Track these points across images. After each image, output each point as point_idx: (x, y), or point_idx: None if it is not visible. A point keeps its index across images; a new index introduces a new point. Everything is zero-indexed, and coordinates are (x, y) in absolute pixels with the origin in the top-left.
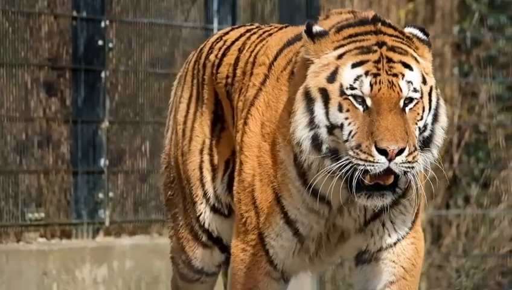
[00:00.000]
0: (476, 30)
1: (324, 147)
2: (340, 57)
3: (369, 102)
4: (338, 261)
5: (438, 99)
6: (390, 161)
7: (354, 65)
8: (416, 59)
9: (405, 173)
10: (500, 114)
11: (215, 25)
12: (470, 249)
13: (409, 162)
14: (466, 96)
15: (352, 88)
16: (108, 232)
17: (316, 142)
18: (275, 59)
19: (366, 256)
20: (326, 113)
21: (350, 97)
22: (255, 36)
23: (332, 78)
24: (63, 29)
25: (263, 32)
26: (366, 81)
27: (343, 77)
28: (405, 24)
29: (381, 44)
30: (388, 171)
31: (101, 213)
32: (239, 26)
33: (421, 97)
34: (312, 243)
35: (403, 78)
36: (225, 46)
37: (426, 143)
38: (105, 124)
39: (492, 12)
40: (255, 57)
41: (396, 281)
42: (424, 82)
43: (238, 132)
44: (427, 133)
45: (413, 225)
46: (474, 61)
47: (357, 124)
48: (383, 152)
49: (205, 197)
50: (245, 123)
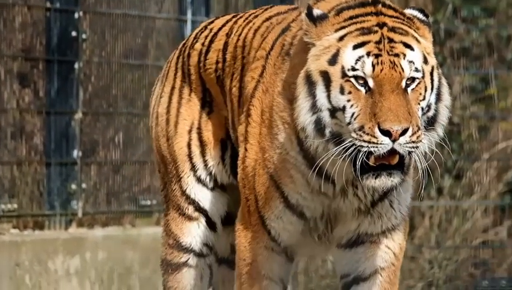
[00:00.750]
0: (449, 22)
1: (327, 131)
2: (341, 39)
3: (371, 83)
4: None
5: (440, 78)
6: (394, 141)
7: (355, 46)
8: (417, 39)
9: (409, 153)
10: (473, 106)
11: (189, 16)
12: (442, 241)
13: (413, 142)
14: None
15: (354, 69)
16: (81, 223)
17: (319, 126)
18: (271, 49)
19: (362, 238)
20: (328, 96)
21: (352, 79)
22: (242, 20)
23: (333, 60)
24: (37, 20)
25: (249, 15)
26: (368, 61)
27: (344, 58)
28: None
29: (382, 25)
30: (392, 152)
31: (73, 204)
32: (224, 15)
33: (423, 77)
34: (318, 223)
35: (404, 58)
36: (212, 34)
37: (431, 123)
38: (79, 115)
39: (465, 4)
40: (244, 41)
41: (387, 267)
42: (425, 62)
43: (241, 124)
44: (431, 113)
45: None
46: (448, 53)
47: (359, 105)
48: (386, 133)
49: (193, 169)
50: (248, 115)
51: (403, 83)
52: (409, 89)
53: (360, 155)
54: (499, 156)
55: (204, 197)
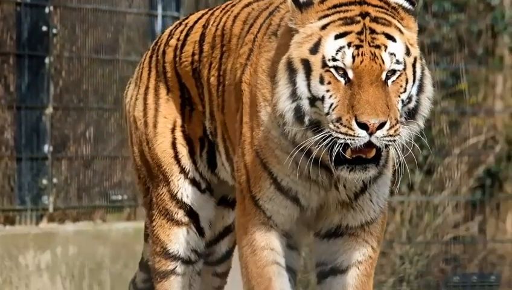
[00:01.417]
0: (420, 16)
1: (306, 119)
2: (323, 27)
3: (350, 74)
4: None
5: (422, 69)
6: (371, 134)
7: (336, 36)
8: (400, 30)
9: (386, 146)
10: (444, 101)
11: (160, 11)
12: (413, 236)
13: (391, 135)
14: None
15: (334, 60)
16: (52, 218)
17: (298, 114)
18: (258, 31)
19: (341, 230)
20: (308, 85)
21: (332, 69)
22: (218, 11)
23: (315, 49)
24: (7, 14)
25: (226, 6)
26: (349, 52)
27: (325, 48)
28: None
29: (364, 15)
30: (369, 145)
31: (44, 199)
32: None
33: (404, 69)
34: (313, 213)
35: (385, 50)
36: (187, 28)
37: (412, 114)
38: (49, 110)
39: None
40: (223, 29)
41: (364, 261)
42: (407, 53)
43: (238, 111)
44: (412, 104)
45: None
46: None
47: (338, 96)
48: (363, 126)
49: (183, 172)
50: (242, 101)
51: (383, 75)
52: (389, 81)
53: (336, 146)
54: (469, 151)
55: (196, 200)
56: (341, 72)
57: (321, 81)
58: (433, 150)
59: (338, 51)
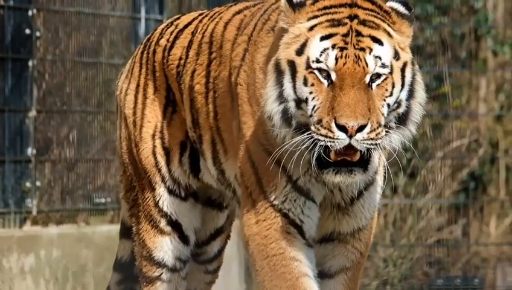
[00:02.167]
0: None
1: (294, 122)
2: (311, 29)
3: (333, 76)
4: None
5: (413, 75)
6: (350, 137)
7: (322, 38)
8: (389, 33)
9: (368, 150)
10: (427, 104)
11: (143, 14)
12: (397, 239)
13: (371, 139)
14: None
15: (318, 61)
16: (36, 221)
17: (285, 116)
18: (253, 30)
19: (332, 236)
20: (294, 87)
21: (315, 71)
22: (207, 18)
23: (301, 50)
24: None
25: (214, 13)
26: (332, 54)
27: (310, 49)
28: None
29: (353, 17)
30: (350, 148)
31: (28, 202)
32: (190, 12)
33: (391, 73)
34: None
35: (370, 53)
36: (177, 30)
37: (402, 120)
38: (33, 113)
39: (419, 2)
40: (211, 36)
41: (352, 267)
42: (396, 57)
43: (235, 115)
44: (402, 110)
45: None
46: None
47: (320, 98)
48: (342, 128)
49: (163, 181)
50: (238, 104)
51: (367, 78)
52: (374, 85)
53: (317, 148)
54: (453, 154)
55: (176, 209)
56: (324, 74)
57: (305, 83)
58: (416, 153)
59: (322, 52)
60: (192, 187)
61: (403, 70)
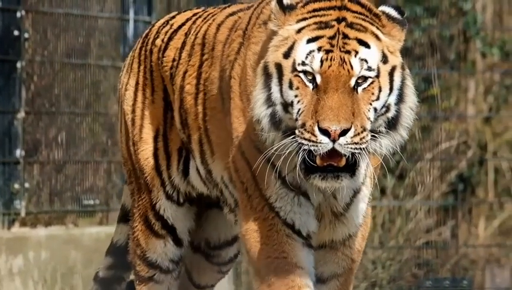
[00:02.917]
0: None
1: (283, 125)
2: (299, 31)
3: (318, 79)
4: None
5: (403, 79)
6: (334, 141)
7: (309, 40)
8: (377, 36)
9: (353, 154)
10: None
11: (131, 15)
12: (386, 241)
13: (355, 143)
14: None
15: (303, 64)
16: (24, 222)
17: (274, 120)
18: (248, 24)
19: (323, 243)
20: (280, 91)
21: (301, 74)
22: (200, 20)
23: (288, 53)
24: None
25: (207, 15)
26: (318, 57)
27: (297, 52)
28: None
29: (341, 20)
30: (334, 152)
31: (16, 204)
32: (185, 11)
33: (378, 76)
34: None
35: (356, 56)
36: (172, 30)
37: (392, 124)
38: (21, 114)
39: (408, 4)
40: (204, 38)
41: (343, 273)
42: (384, 61)
43: (226, 106)
44: (391, 114)
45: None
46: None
47: (305, 102)
48: (325, 132)
49: (162, 185)
50: (231, 97)
51: (352, 82)
52: (360, 88)
53: (300, 153)
54: (441, 156)
55: (173, 214)
56: (310, 76)
57: (290, 86)
58: (405, 155)
59: (308, 55)
60: (192, 194)
61: (391, 74)
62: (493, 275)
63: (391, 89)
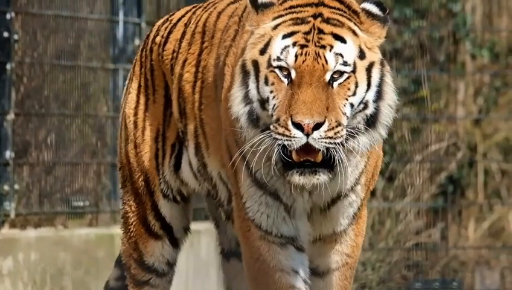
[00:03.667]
0: None
1: (261, 123)
2: (275, 28)
3: (293, 74)
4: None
5: (382, 76)
6: (307, 136)
7: (284, 36)
8: (354, 32)
9: (327, 149)
10: (405, 107)
11: (121, 17)
12: (375, 242)
13: (330, 137)
14: None
15: (278, 59)
16: (14, 224)
17: (251, 118)
18: (243, 11)
19: (317, 235)
20: (257, 87)
21: (276, 70)
22: (200, 10)
23: (264, 49)
24: None
25: (208, 4)
26: (292, 51)
27: (273, 48)
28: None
29: (317, 16)
30: (308, 147)
31: (6, 205)
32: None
33: (354, 72)
34: (303, 215)
35: (330, 50)
36: (171, 25)
37: (371, 122)
38: (11, 116)
39: (397, 5)
40: (204, 26)
41: (339, 267)
42: (361, 57)
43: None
44: (369, 111)
45: (359, 210)
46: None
47: (280, 97)
48: (298, 126)
49: (160, 184)
50: (223, 86)
51: (327, 76)
52: (336, 84)
53: (276, 148)
54: (431, 158)
55: (169, 212)
56: (285, 72)
57: (266, 82)
58: (394, 156)
59: (283, 50)
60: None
61: (369, 70)
62: (483, 276)
63: (369, 85)
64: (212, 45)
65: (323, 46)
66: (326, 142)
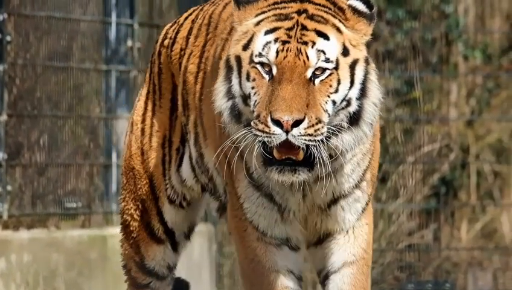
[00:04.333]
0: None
1: (244, 118)
2: (257, 24)
3: (274, 70)
4: (235, 256)
5: (366, 73)
6: (287, 132)
7: (266, 32)
8: (338, 29)
9: (307, 146)
10: (398, 108)
11: (114, 18)
12: None
13: (310, 134)
14: None
15: (260, 55)
16: (7, 225)
17: (234, 113)
18: None
19: (324, 236)
20: (240, 83)
21: (258, 65)
22: (208, 5)
23: (247, 45)
24: None
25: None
26: (274, 47)
27: (255, 44)
28: None
29: (302, 12)
30: (288, 144)
31: None
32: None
33: (336, 68)
34: (295, 217)
35: (312, 47)
36: (178, 26)
37: (354, 119)
38: (4, 117)
39: (390, 7)
40: (210, 17)
41: (356, 261)
42: (345, 54)
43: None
44: (353, 109)
45: (367, 205)
46: (372, 56)
47: (260, 93)
48: (277, 123)
49: (166, 189)
50: (217, 78)
51: (308, 73)
52: (317, 80)
53: (256, 145)
54: (424, 159)
55: (173, 217)
56: (267, 68)
57: (248, 78)
58: (387, 158)
59: (265, 46)
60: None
61: (352, 68)
62: (475, 278)
63: (352, 83)
64: (216, 36)
65: (305, 43)
66: (306, 140)
